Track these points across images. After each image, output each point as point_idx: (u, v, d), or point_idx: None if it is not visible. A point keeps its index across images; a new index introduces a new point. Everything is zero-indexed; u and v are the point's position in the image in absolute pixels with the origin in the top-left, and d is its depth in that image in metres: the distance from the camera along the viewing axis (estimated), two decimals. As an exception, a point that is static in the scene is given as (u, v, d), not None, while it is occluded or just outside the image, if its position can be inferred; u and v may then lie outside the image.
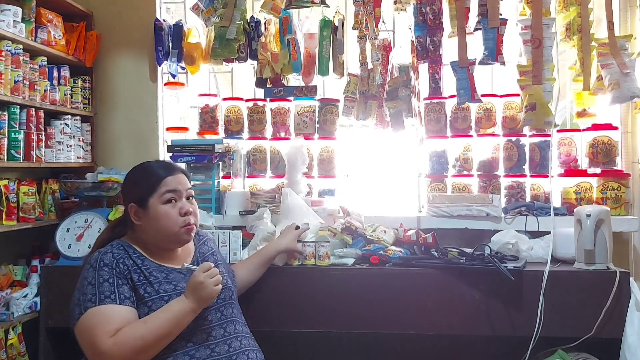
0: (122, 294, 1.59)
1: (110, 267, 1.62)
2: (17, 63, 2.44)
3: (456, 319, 2.15)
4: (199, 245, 1.90)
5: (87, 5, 2.98)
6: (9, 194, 2.40)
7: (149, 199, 1.71)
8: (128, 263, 1.66)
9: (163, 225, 1.70)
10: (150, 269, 1.68)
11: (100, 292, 1.57)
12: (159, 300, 1.62)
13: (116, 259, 1.65)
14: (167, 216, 1.70)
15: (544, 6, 2.47)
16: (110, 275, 1.61)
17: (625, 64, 2.40)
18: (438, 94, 2.75)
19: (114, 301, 1.57)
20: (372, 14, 2.66)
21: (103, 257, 1.65)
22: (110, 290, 1.58)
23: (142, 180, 1.75)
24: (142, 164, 1.83)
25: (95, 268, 1.62)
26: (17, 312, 2.38)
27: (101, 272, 1.61)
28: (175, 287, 1.67)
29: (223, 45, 2.76)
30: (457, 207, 2.55)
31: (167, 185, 1.71)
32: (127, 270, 1.64)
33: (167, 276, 1.70)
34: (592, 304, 2.09)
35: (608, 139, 2.60)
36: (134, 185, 1.76)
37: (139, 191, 1.73)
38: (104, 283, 1.59)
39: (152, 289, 1.64)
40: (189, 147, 2.67)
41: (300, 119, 2.89)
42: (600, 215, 2.13)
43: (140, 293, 1.63)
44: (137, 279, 1.64)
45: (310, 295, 2.20)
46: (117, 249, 1.69)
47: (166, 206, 1.70)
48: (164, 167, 1.77)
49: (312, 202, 2.63)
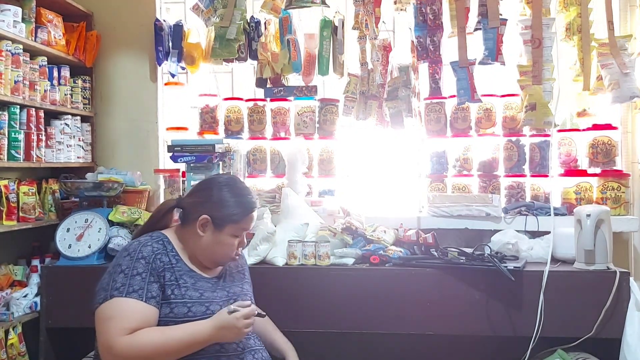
0: (150, 292, 1.57)
1: (147, 261, 1.60)
2: (17, 63, 2.44)
3: (456, 319, 2.16)
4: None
5: (87, 6, 2.97)
6: (9, 194, 2.40)
7: (227, 225, 1.70)
8: (164, 260, 1.64)
9: (218, 251, 1.71)
10: (182, 271, 1.66)
11: (130, 284, 1.56)
12: (182, 306, 1.61)
13: (155, 254, 1.63)
14: (227, 247, 1.71)
15: (544, 6, 2.48)
16: (144, 269, 1.59)
17: (625, 64, 2.41)
18: (438, 94, 2.75)
19: (140, 297, 1.55)
20: (372, 14, 2.66)
21: (142, 249, 1.63)
22: (140, 285, 1.57)
23: (234, 205, 1.71)
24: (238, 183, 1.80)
25: (133, 258, 1.60)
26: (17, 312, 2.38)
27: (137, 264, 1.59)
28: (201, 295, 1.65)
29: (223, 45, 2.76)
30: (457, 207, 2.56)
31: (247, 224, 1.73)
32: (162, 268, 1.62)
33: (195, 283, 1.67)
34: (592, 304, 2.09)
35: (608, 139, 2.60)
36: (222, 203, 1.71)
37: (223, 212, 1.70)
38: (136, 276, 1.58)
39: (179, 291, 1.63)
40: (189, 147, 2.66)
41: (300, 119, 2.89)
42: (600, 215, 2.13)
43: (167, 293, 1.61)
44: (168, 277, 1.63)
45: (310, 295, 2.20)
46: (157, 243, 1.67)
47: (233, 239, 1.71)
48: (252, 199, 1.77)
49: (312, 202, 2.64)
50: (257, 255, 2.32)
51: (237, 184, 1.79)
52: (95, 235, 2.43)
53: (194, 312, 1.61)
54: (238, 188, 1.77)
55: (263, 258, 2.33)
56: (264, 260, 2.34)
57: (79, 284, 2.31)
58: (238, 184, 1.79)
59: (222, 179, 1.80)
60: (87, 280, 2.30)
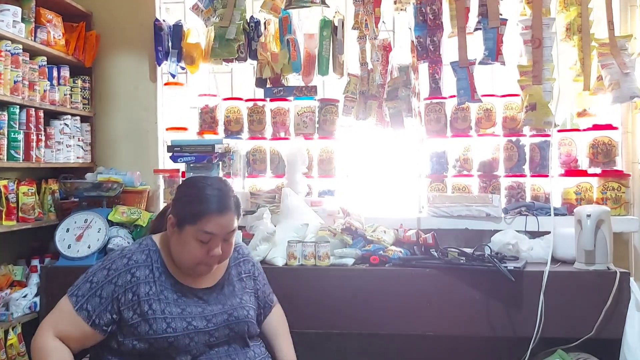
0: (101, 319, 1.54)
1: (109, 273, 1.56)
2: (17, 63, 2.44)
3: (456, 319, 2.15)
4: (235, 264, 1.75)
5: (86, 5, 2.97)
6: (9, 194, 2.40)
7: (186, 225, 1.57)
8: (140, 274, 1.57)
9: (184, 254, 1.59)
10: (164, 286, 1.59)
11: (87, 301, 1.54)
12: (162, 322, 1.54)
13: (128, 268, 1.57)
14: (192, 251, 1.57)
15: (544, 6, 2.47)
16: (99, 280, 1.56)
17: (625, 64, 2.40)
18: (438, 94, 2.75)
19: (87, 319, 1.54)
20: (372, 14, 2.65)
21: (117, 259, 1.59)
22: (83, 291, 1.56)
23: (192, 202, 1.59)
24: (202, 180, 1.64)
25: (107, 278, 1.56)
26: (16, 313, 2.38)
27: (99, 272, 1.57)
28: (183, 311, 1.58)
29: (223, 45, 2.76)
30: (457, 208, 2.55)
31: (208, 226, 1.55)
32: (134, 283, 1.56)
33: (179, 298, 1.59)
34: (592, 304, 2.09)
35: (608, 139, 2.59)
36: (182, 201, 1.62)
37: (182, 211, 1.59)
38: (87, 282, 1.56)
39: (158, 307, 1.56)
40: (188, 147, 2.66)
41: (300, 119, 2.89)
42: (600, 215, 2.13)
43: (143, 308, 1.54)
44: (145, 292, 1.56)
45: (310, 296, 2.20)
46: (141, 254, 1.61)
47: (196, 243, 1.57)
48: (218, 200, 1.59)
49: (312, 202, 2.64)
50: (256, 255, 2.31)
51: (201, 181, 1.63)
52: (95, 236, 2.43)
53: (173, 328, 1.54)
54: (198, 184, 1.62)
55: (263, 258, 2.33)
56: (264, 261, 2.34)
57: (79, 284, 2.31)
58: (202, 182, 1.63)
59: (197, 178, 1.68)
60: (87, 280, 2.31)
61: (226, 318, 1.63)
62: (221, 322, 1.61)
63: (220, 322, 1.61)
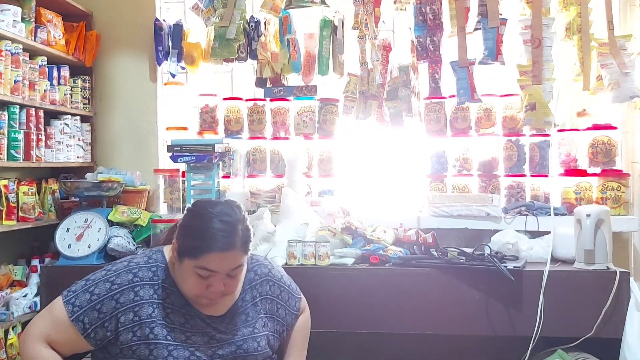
0: (85, 315, 1.45)
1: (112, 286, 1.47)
2: (17, 63, 2.44)
3: (456, 318, 2.15)
4: (250, 286, 1.62)
5: (86, 5, 2.97)
6: (9, 194, 2.40)
7: (185, 258, 1.46)
8: (144, 294, 1.48)
9: (184, 285, 1.49)
10: (172, 308, 1.49)
11: (85, 314, 1.45)
12: (163, 348, 1.45)
13: (132, 285, 1.48)
14: (190, 284, 1.47)
15: (544, 6, 2.48)
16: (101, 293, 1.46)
17: (624, 64, 2.40)
18: (438, 94, 2.75)
19: (71, 313, 1.45)
20: (372, 13, 2.66)
21: (122, 273, 1.49)
22: (81, 301, 1.46)
23: (193, 236, 1.46)
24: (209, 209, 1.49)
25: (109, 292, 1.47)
26: (17, 312, 2.38)
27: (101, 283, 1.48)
28: (187, 339, 1.47)
29: (223, 45, 2.76)
30: (457, 207, 2.55)
31: (208, 264, 1.43)
32: (137, 303, 1.47)
33: (186, 322, 1.49)
34: (592, 304, 2.08)
35: (608, 139, 2.60)
36: (185, 231, 1.49)
37: (183, 242, 1.47)
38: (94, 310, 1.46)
39: (161, 331, 1.46)
40: (188, 147, 2.66)
41: (300, 118, 2.89)
42: (600, 215, 2.13)
43: (144, 332, 1.45)
44: (147, 314, 1.46)
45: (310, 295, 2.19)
46: (148, 270, 1.51)
47: (194, 277, 1.45)
48: (222, 236, 1.44)
49: (312, 202, 2.64)
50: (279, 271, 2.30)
51: (216, 213, 1.47)
52: (95, 235, 2.43)
53: (175, 357, 1.45)
54: (211, 218, 1.46)
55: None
56: (264, 260, 2.33)
57: (79, 284, 2.32)
58: (218, 213, 1.47)
59: (204, 205, 1.52)
60: (87, 280, 2.32)
61: (234, 350, 1.52)
62: (228, 355, 1.51)
63: (227, 355, 1.50)
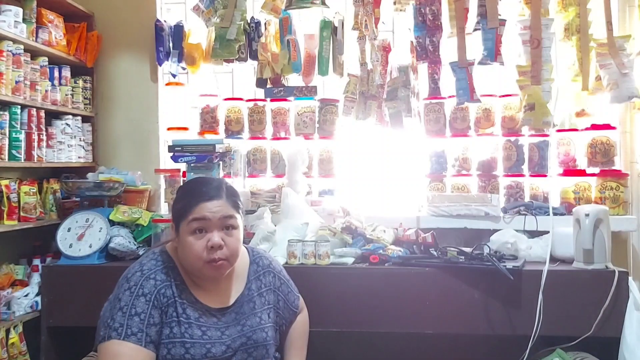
0: (149, 336, 1.46)
1: (147, 299, 1.48)
2: (18, 63, 2.45)
3: (455, 318, 2.16)
4: (255, 277, 1.69)
5: (88, 6, 2.98)
6: (10, 194, 2.41)
7: (180, 223, 1.54)
8: (168, 294, 1.51)
9: (188, 257, 1.53)
10: (185, 304, 1.53)
11: (128, 326, 1.44)
12: (180, 347, 1.49)
13: (157, 289, 1.50)
14: (191, 248, 1.51)
15: (543, 7, 2.48)
16: (143, 309, 1.47)
17: (623, 64, 2.41)
18: (437, 94, 2.76)
19: (139, 341, 1.44)
20: (372, 14, 2.67)
21: (144, 283, 1.50)
22: (139, 327, 1.45)
23: (180, 199, 1.57)
24: (192, 180, 1.66)
25: (133, 294, 1.49)
26: (18, 312, 2.39)
27: (136, 302, 1.47)
28: (204, 334, 1.51)
29: (223, 45, 2.77)
30: (456, 207, 2.56)
31: (196, 213, 1.51)
32: (166, 303, 1.50)
33: (200, 318, 1.53)
34: (590, 303, 2.09)
35: (607, 139, 2.60)
36: (175, 203, 1.59)
37: (175, 212, 1.57)
38: (134, 316, 1.46)
39: (179, 329, 1.50)
40: (189, 147, 2.67)
41: (300, 119, 2.90)
42: (598, 214, 2.14)
43: (165, 332, 1.49)
44: (170, 313, 1.51)
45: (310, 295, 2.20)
46: (161, 273, 1.53)
47: (192, 237, 1.51)
48: (205, 189, 1.55)
49: (312, 202, 2.64)
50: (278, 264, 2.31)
51: (192, 179, 1.68)
52: (96, 235, 2.44)
53: (192, 355, 1.49)
54: (189, 182, 1.65)
55: (263, 257, 2.34)
56: (264, 260, 2.34)
57: (80, 284, 2.32)
58: (193, 179, 1.68)
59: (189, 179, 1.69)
60: (88, 279, 2.33)
61: (244, 342, 1.57)
62: (239, 346, 1.56)
63: (239, 347, 1.56)
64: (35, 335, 2.41)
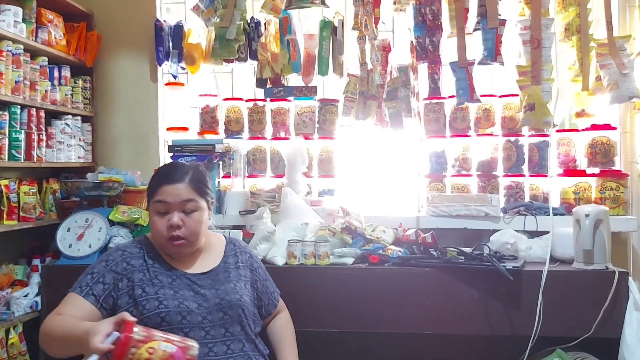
0: (92, 289, 1.63)
1: (108, 263, 1.68)
2: (18, 63, 2.45)
3: (455, 318, 2.16)
4: (232, 253, 1.82)
5: (87, 6, 2.98)
6: (10, 194, 2.41)
7: (150, 204, 1.72)
8: (135, 263, 1.68)
9: (154, 233, 1.71)
10: (158, 272, 1.69)
11: (92, 288, 1.63)
12: (154, 300, 1.62)
13: (124, 258, 1.69)
14: (155, 226, 1.69)
15: (543, 7, 2.48)
16: (100, 270, 1.66)
17: (624, 65, 2.41)
18: (437, 94, 2.75)
19: (81, 292, 1.62)
20: (372, 14, 2.66)
21: (113, 253, 1.71)
22: (86, 282, 1.64)
23: (151, 181, 1.75)
24: (167, 163, 1.88)
25: (100, 259, 1.71)
26: (18, 312, 2.39)
27: (97, 265, 1.68)
28: (176, 293, 1.65)
29: (223, 45, 2.77)
30: (456, 207, 2.56)
31: (159, 195, 1.68)
32: (129, 271, 1.67)
33: (173, 281, 1.68)
34: (590, 304, 2.09)
35: (607, 139, 2.60)
36: (149, 183, 1.76)
37: (147, 192, 1.76)
38: (88, 275, 1.66)
39: (152, 289, 1.65)
40: (189, 147, 2.67)
41: (300, 119, 2.90)
42: (598, 215, 2.14)
43: (136, 292, 1.63)
44: (138, 278, 1.66)
45: (310, 295, 2.21)
46: (135, 247, 1.73)
47: (157, 216, 1.69)
48: (168, 173, 1.72)
49: (312, 202, 2.64)
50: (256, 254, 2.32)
51: (167, 164, 1.85)
52: (96, 235, 2.44)
53: (165, 305, 1.61)
54: (163, 166, 1.82)
55: (263, 257, 2.34)
56: (264, 260, 2.34)
57: (80, 284, 2.32)
58: (167, 164, 1.84)
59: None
60: (88, 279, 2.32)
61: (218, 302, 1.67)
62: (213, 306, 1.66)
63: (212, 306, 1.66)
64: (35, 336, 2.40)
